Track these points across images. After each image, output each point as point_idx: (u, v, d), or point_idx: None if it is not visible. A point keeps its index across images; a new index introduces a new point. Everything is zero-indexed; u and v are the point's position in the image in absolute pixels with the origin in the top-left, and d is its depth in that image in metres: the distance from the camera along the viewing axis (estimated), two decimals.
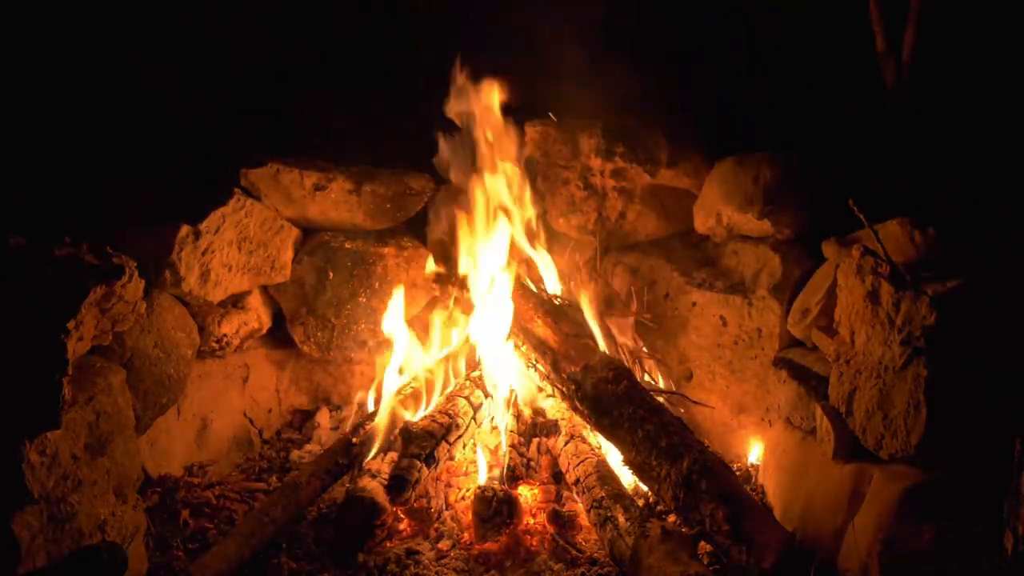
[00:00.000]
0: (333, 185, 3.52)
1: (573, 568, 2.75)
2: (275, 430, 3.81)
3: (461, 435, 3.14)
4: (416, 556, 2.78)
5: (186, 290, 3.02)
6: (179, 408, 3.24)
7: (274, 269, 3.52)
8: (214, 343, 3.32)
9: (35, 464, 2.13)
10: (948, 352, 2.23)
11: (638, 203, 3.80)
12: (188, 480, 3.19)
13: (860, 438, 2.50)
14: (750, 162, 3.33)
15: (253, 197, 3.36)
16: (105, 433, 2.43)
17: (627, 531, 2.65)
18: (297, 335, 3.71)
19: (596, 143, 3.72)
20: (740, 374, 3.44)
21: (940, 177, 2.83)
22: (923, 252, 2.54)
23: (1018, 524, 1.84)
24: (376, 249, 3.73)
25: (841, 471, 2.54)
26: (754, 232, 3.36)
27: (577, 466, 3.05)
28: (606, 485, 2.90)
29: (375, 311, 3.72)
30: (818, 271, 3.10)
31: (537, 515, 3.02)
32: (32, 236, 2.31)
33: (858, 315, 2.52)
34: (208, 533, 2.89)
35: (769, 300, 3.25)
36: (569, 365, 3.20)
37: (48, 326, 2.13)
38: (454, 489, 3.15)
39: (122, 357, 2.76)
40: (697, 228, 3.63)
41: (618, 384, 3.12)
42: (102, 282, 2.27)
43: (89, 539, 2.32)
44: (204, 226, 3.05)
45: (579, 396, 3.13)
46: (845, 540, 2.44)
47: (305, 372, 3.92)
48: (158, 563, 2.69)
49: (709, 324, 3.55)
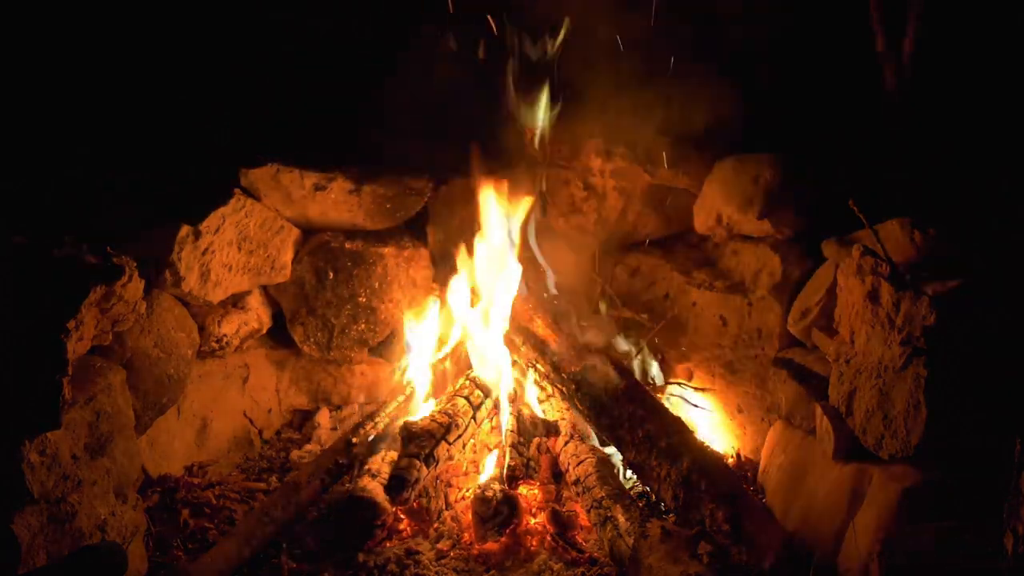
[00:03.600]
0: (333, 185, 3.52)
1: (573, 568, 2.75)
2: (275, 430, 3.81)
3: (461, 435, 3.14)
4: (416, 556, 2.78)
5: (186, 290, 3.02)
6: (179, 408, 3.24)
7: (274, 269, 3.52)
8: (214, 343, 3.32)
9: (35, 464, 2.13)
10: (948, 352, 2.23)
11: (638, 203, 3.79)
12: (188, 480, 3.19)
13: (860, 438, 2.50)
14: (750, 162, 3.33)
15: (253, 197, 3.36)
16: (105, 433, 2.43)
17: (627, 531, 2.65)
18: (297, 335, 3.71)
19: (596, 143, 3.72)
20: (740, 374, 3.44)
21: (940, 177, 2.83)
22: (923, 252, 2.54)
23: (1018, 524, 1.84)
24: (376, 249, 3.73)
25: (841, 471, 2.54)
26: (754, 232, 3.36)
27: (577, 466, 3.05)
28: (606, 485, 2.90)
29: (375, 311, 3.72)
30: (818, 271, 3.10)
31: (537, 515, 3.02)
32: (32, 236, 2.31)
33: (858, 315, 2.52)
34: (208, 533, 2.89)
35: (769, 300, 3.25)
36: (569, 365, 3.20)
37: (48, 326, 2.13)
38: (454, 489, 3.15)
39: (122, 357, 2.76)
40: (697, 228, 3.63)
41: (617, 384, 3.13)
42: (102, 282, 2.27)
43: (89, 539, 2.32)
44: (204, 226, 3.05)
45: (579, 396, 3.13)
46: (845, 540, 2.44)
47: (305, 372, 3.92)
48: (158, 563, 2.69)
49: (709, 324, 3.55)
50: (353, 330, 3.72)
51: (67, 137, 3.11)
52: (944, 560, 2.17)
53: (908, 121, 3.13)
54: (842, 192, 2.51)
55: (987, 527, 1.99)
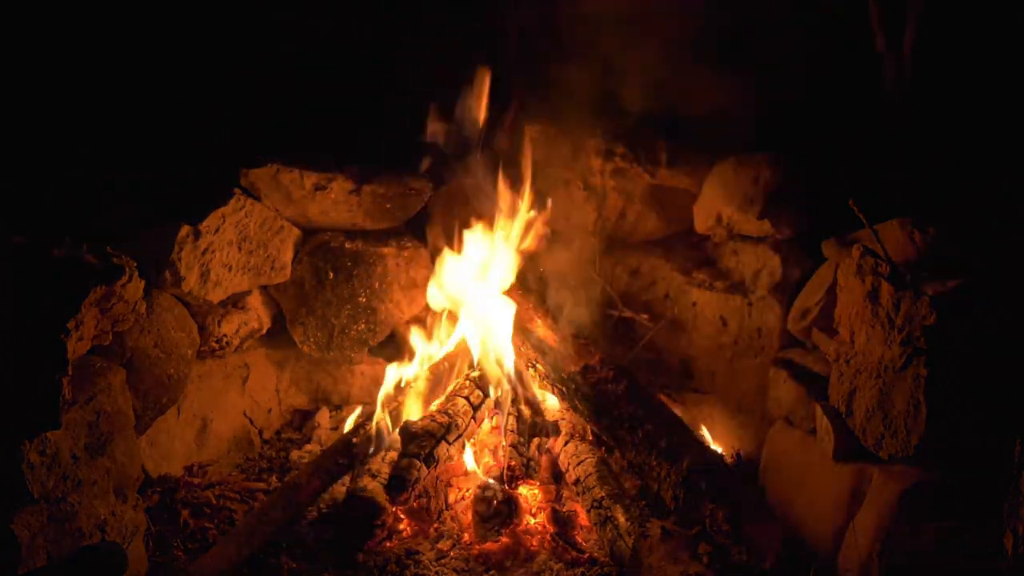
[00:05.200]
0: (333, 185, 3.51)
1: (573, 568, 2.75)
2: (275, 430, 3.81)
3: (461, 435, 3.14)
4: (416, 556, 2.78)
5: (186, 290, 3.02)
6: (179, 408, 3.24)
7: (274, 269, 3.52)
8: (214, 343, 3.32)
9: (35, 464, 2.13)
10: (948, 352, 2.23)
11: (638, 203, 3.79)
12: (188, 480, 3.19)
13: (860, 438, 2.50)
14: (750, 162, 3.33)
15: (253, 197, 3.36)
16: (105, 433, 2.43)
17: (627, 531, 2.65)
18: (297, 335, 3.70)
19: (596, 143, 3.72)
20: (740, 374, 3.44)
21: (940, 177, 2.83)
22: (923, 252, 2.54)
23: (1018, 524, 1.84)
24: (376, 249, 3.73)
25: (841, 471, 2.54)
26: (754, 232, 3.36)
27: (577, 466, 3.05)
28: (606, 485, 2.90)
29: (375, 311, 3.72)
30: (818, 271, 3.10)
31: (537, 515, 3.02)
32: (32, 236, 2.31)
33: (858, 315, 2.52)
34: (208, 533, 2.89)
35: (769, 300, 3.25)
36: (569, 365, 3.20)
37: (48, 326, 2.13)
38: (454, 489, 3.15)
39: (122, 357, 2.76)
40: (697, 228, 3.63)
41: (618, 384, 3.13)
42: (102, 282, 2.27)
43: (89, 539, 2.32)
44: (204, 226, 3.05)
45: (579, 396, 3.13)
46: (845, 540, 2.44)
47: (305, 372, 3.92)
48: (158, 563, 2.69)
49: (709, 324, 3.55)
50: (353, 330, 3.72)
51: (67, 137, 3.11)
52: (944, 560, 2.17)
53: (908, 121, 3.13)
54: (842, 192, 2.51)
55: (987, 527, 2.00)
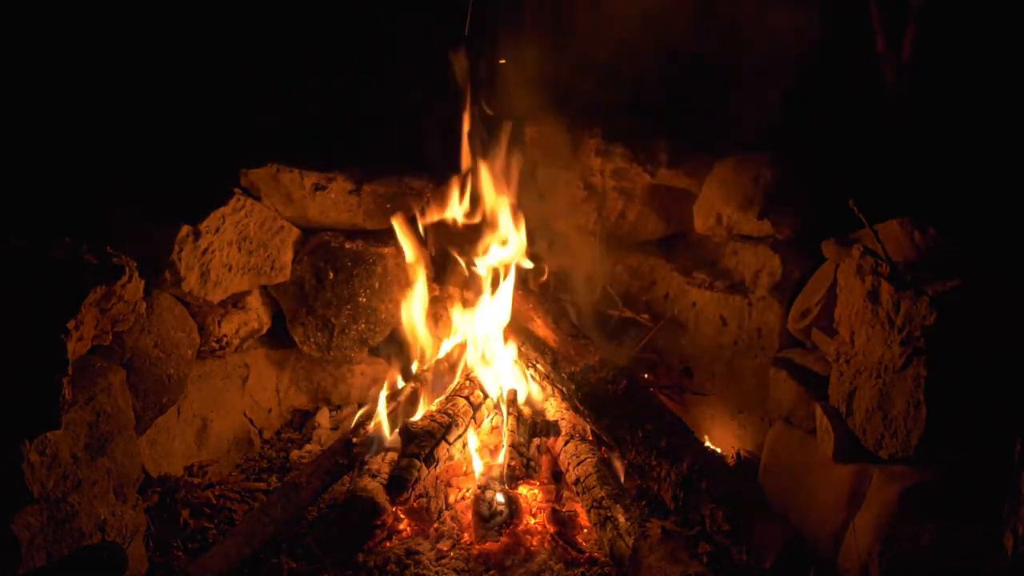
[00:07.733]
0: (333, 185, 3.52)
1: (573, 568, 2.75)
2: (275, 430, 3.81)
3: (461, 435, 3.14)
4: (416, 556, 2.78)
5: (186, 290, 3.02)
6: (179, 408, 3.24)
7: (274, 269, 3.52)
8: (214, 343, 3.32)
9: (35, 464, 2.13)
10: (948, 352, 2.23)
11: (638, 203, 3.79)
12: (188, 480, 3.19)
13: (860, 438, 2.50)
14: (750, 162, 3.33)
15: (253, 197, 3.36)
16: (105, 433, 2.43)
17: (627, 531, 2.65)
18: (297, 335, 3.70)
19: (596, 143, 3.72)
20: (740, 374, 3.44)
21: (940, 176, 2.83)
22: (923, 252, 2.54)
23: (1018, 524, 1.84)
24: (376, 249, 3.73)
25: (841, 471, 2.54)
26: (754, 232, 3.36)
27: (577, 466, 3.05)
28: (606, 485, 2.90)
29: (375, 311, 3.72)
30: (818, 271, 3.10)
31: (537, 515, 3.02)
32: (32, 236, 2.31)
33: (858, 315, 2.52)
34: (208, 533, 2.89)
35: (769, 300, 3.25)
36: (569, 365, 3.20)
37: (48, 326, 2.13)
38: (454, 489, 3.15)
39: (122, 357, 2.76)
40: (697, 228, 3.63)
41: (618, 384, 3.13)
42: (102, 282, 2.27)
43: (89, 539, 2.32)
44: (204, 226, 3.05)
45: (579, 396, 3.13)
46: (845, 540, 2.44)
47: (305, 372, 3.92)
48: (158, 563, 2.69)
49: (709, 324, 3.55)
50: (353, 330, 3.72)
51: (66, 137, 3.11)
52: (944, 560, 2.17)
53: (908, 121, 3.13)
54: (842, 192, 2.51)
55: (987, 527, 2.00)
